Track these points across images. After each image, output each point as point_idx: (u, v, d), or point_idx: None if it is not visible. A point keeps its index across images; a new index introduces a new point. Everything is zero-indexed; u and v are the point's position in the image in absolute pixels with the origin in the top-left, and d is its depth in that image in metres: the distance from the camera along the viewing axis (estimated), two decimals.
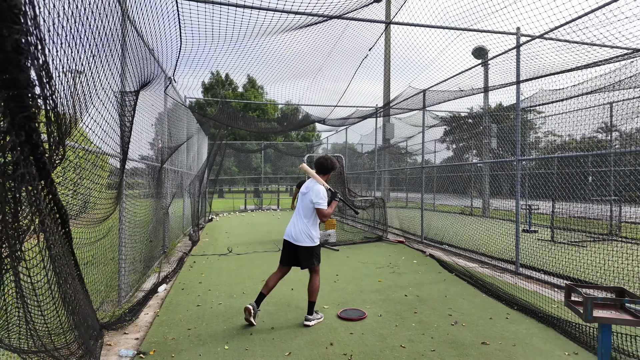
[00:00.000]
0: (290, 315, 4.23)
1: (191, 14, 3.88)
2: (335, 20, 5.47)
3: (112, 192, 3.83)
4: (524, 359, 3.18)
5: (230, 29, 4.33)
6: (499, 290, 4.89)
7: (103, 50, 2.98)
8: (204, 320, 4.10)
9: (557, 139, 13.66)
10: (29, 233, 1.06)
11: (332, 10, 4.02)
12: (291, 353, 3.31)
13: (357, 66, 7.06)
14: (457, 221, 9.85)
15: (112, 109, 3.60)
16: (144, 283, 5.46)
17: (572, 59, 5.95)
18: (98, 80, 2.78)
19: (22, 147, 0.91)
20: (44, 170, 1.07)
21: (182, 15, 3.91)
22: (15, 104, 0.85)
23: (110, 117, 3.64)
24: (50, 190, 1.15)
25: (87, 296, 2.24)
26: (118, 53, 3.80)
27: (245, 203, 19.62)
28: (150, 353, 3.33)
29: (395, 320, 4.03)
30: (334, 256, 7.41)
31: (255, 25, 4.29)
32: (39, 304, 1.28)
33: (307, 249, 3.99)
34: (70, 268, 1.57)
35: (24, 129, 0.91)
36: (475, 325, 3.89)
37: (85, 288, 2.12)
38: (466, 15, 6.53)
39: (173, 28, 4.08)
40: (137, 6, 4.12)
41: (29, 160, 0.96)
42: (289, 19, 4.15)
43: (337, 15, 4.10)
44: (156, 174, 6.15)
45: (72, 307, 1.72)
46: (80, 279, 1.90)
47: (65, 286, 1.46)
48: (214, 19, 3.93)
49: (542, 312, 4.07)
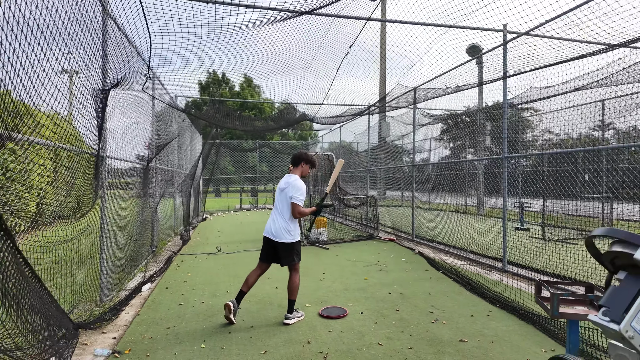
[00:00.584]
0: (272, 313, 4.21)
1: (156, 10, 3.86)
2: (318, 19, 5.44)
3: (87, 188, 3.79)
4: (501, 355, 3.16)
5: (199, 25, 4.31)
6: (483, 288, 4.88)
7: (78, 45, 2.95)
8: (184, 319, 4.07)
9: (554, 137, 13.64)
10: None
11: (308, 5, 3.99)
12: (267, 352, 3.29)
13: (339, 64, 7.02)
14: (449, 219, 9.83)
15: (89, 107, 3.58)
16: (129, 282, 5.43)
17: (561, 55, 5.94)
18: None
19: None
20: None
21: (147, 11, 3.87)
22: None
23: (89, 115, 3.61)
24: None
25: (50, 298, 2.21)
26: (98, 47, 3.76)
27: (240, 202, 19.58)
28: (125, 352, 3.30)
29: (376, 318, 4.01)
30: (323, 255, 7.39)
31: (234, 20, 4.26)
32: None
33: (287, 245, 3.96)
34: (19, 273, 1.54)
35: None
36: (456, 322, 3.87)
37: (47, 291, 2.09)
38: (456, 11, 6.51)
39: (142, 24, 4.05)
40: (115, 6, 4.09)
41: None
42: (262, 14, 4.12)
43: (309, 11, 4.07)
44: (142, 173, 6.12)
45: (24, 314, 1.70)
46: (39, 282, 1.88)
47: (17, 293, 1.43)
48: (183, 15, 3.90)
49: (523, 309, 4.05)
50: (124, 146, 5.40)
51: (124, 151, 5.41)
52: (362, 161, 16.99)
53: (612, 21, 4.60)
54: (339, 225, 10.82)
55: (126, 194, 5.77)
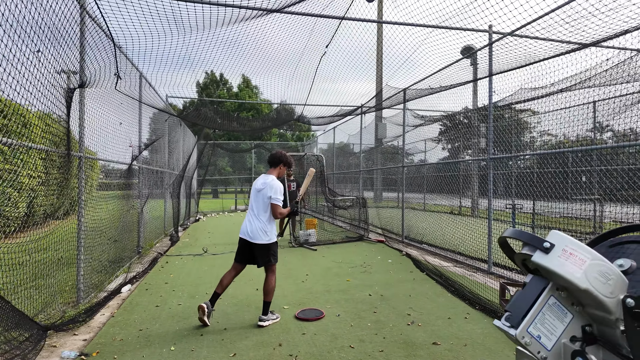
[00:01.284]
0: (248, 316, 4.16)
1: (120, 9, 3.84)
2: (303, 17, 5.40)
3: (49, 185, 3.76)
4: (472, 358, 3.12)
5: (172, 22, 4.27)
6: (464, 290, 4.83)
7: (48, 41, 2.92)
8: (159, 320, 4.03)
9: (554, 138, 13.59)
10: None
11: (279, 3, 3.95)
12: (236, 354, 3.24)
13: (317, 65, 6.99)
14: (440, 220, 9.78)
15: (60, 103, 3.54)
16: (110, 284, 5.39)
17: (545, 54, 5.90)
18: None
19: None
20: None
21: (103, 10, 3.84)
22: None
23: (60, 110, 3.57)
24: None
25: (3, 301, 2.17)
26: (75, 41, 3.73)
27: (235, 203, 19.53)
28: (93, 354, 3.26)
29: (352, 320, 3.97)
30: (309, 256, 7.34)
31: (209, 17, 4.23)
32: None
33: (264, 246, 3.92)
34: None
35: None
36: (432, 325, 3.83)
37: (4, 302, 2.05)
38: (447, 12, 6.47)
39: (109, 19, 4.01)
40: None
41: None
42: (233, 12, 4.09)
43: (278, 9, 4.02)
44: (125, 173, 6.08)
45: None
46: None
47: None
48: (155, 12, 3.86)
49: (501, 311, 4.00)
50: (106, 146, 5.37)
51: (106, 152, 5.38)
52: (357, 162, 16.96)
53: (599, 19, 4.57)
54: (329, 226, 10.77)
55: (107, 195, 5.73)
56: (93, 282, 4.92)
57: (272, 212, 3.95)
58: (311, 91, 7.99)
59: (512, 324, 1.12)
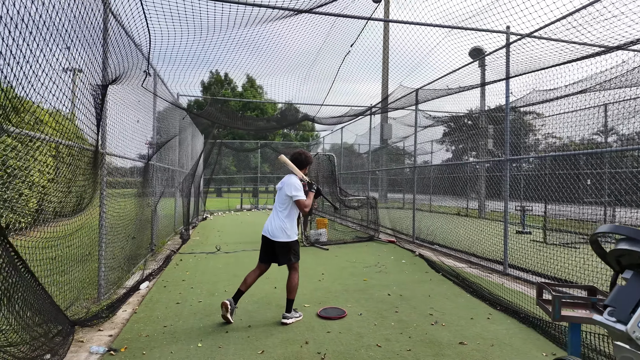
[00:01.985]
0: (270, 313, 4.17)
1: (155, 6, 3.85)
2: (322, 17, 5.41)
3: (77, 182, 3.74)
4: (500, 359, 3.12)
5: (199, 21, 4.29)
6: (483, 290, 4.83)
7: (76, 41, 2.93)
8: (182, 317, 4.04)
9: (556, 140, 13.58)
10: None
11: (308, 4, 3.97)
12: (264, 351, 3.25)
13: (339, 64, 7.00)
14: (450, 222, 9.78)
15: (89, 104, 3.56)
16: (128, 280, 5.41)
17: (563, 57, 5.90)
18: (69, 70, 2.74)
19: None
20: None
21: (146, 7, 3.86)
22: None
23: (88, 111, 3.60)
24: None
25: (45, 295, 2.19)
26: (99, 41, 3.75)
27: (241, 202, 19.55)
28: (121, 350, 3.27)
29: (375, 319, 3.97)
30: (323, 255, 7.35)
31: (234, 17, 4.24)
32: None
33: (284, 244, 3.93)
34: (12, 267, 1.51)
35: None
36: (455, 325, 3.83)
37: (41, 287, 2.07)
38: (459, 14, 6.47)
39: (141, 20, 4.03)
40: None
41: None
42: (261, 12, 4.10)
43: (307, 10, 4.04)
44: (142, 171, 6.10)
45: (17, 311, 1.67)
46: (33, 277, 1.85)
47: (12, 291, 1.40)
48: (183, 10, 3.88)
49: (524, 312, 4.01)
50: (124, 143, 5.39)
51: (124, 149, 5.40)
52: (364, 163, 16.96)
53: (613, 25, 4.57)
54: (339, 226, 10.78)
55: (126, 192, 5.75)
56: (112, 279, 4.94)
57: (299, 208, 3.96)
58: (330, 91, 8.00)
59: (619, 319, 1.12)
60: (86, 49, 3.49)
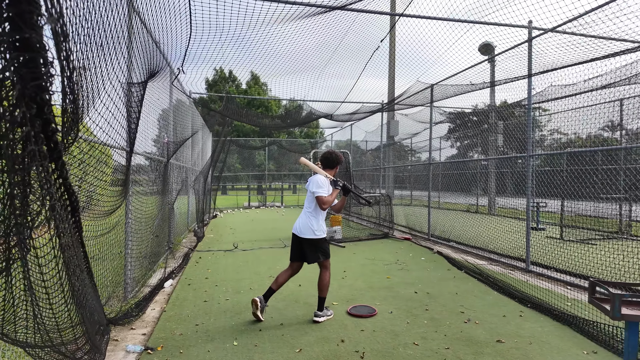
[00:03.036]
0: (299, 311, 4.16)
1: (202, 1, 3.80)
2: (342, 15, 5.37)
3: (116, 188, 3.75)
4: (541, 357, 3.10)
5: (235, 18, 4.25)
6: (510, 288, 4.80)
7: (109, 37, 2.90)
8: (212, 315, 4.03)
9: (564, 137, 13.51)
10: (38, 220, 0.98)
11: (338, 1, 3.93)
12: (302, 350, 3.24)
13: (368, 59, 6.95)
14: (464, 219, 9.74)
15: (119, 101, 3.53)
16: (150, 278, 5.40)
17: (582, 53, 5.84)
18: (105, 70, 2.71)
19: (33, 122, 0.82)
20: (55, 150, 0.98)
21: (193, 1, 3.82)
22: (27, 69, 0.76)
23: (116, 109, 3.57)
24: (61, 174, 1.07)
25: (95, 290, 2.17)
26: (125, 40, 3.72)
27: (249, 200, 19.55)
28: (158, 349, 3.26)
29: (407, 317, 3.95)
30: (340, 253, 7.33)
31: (260, 15, 4.20)
32: (48, 296, 1.21)
33: (311, 241, 3.91)
34: (79, 260, 1.50)
35: (34, 101, 0.82)
36: (489, 323, 3.81)
37: (93, 281, 2.05)
38: (475, 9, 6.41)
39: (183, 15, 3.99)
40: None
41: (40, 137, 0.87)
42: (292, 8, 4.05)
43: (341, 6, 4.00)
44: (162, 169, 6.09)
45: (80, 301, 1.65)
46: (89, 271, 1.83)
47: (74, 278, 1.39)
48: (217, 6, 3.83)
49: (556, 310, 3.98)
50: (146, 142, 5.37)
51: (146, 147, 5.38)
52: (369, 160, 16.92)
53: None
54: (353, 223, 10.76)
55: (147, 190, 5.73)
56: (135, 277, 4.93)
57: (319, 205, 3.92)
58: (353, 88, 7.94)
59: None
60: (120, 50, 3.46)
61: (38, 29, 0.78)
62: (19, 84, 0.77)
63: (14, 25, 0.74)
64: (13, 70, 0.75)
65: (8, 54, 0.75)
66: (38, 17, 0.78)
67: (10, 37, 0.74)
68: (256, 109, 33.41)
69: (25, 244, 0.95)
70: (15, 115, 0.78)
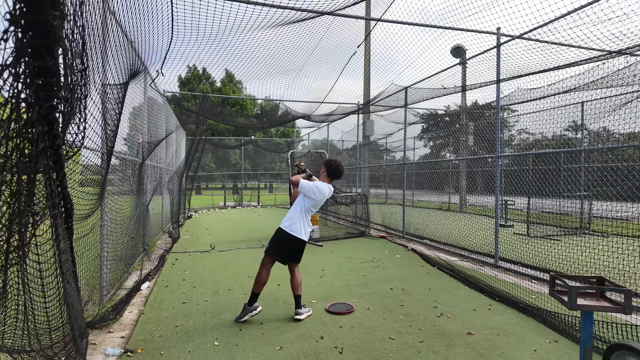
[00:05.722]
0: (279, 310, 4.23)
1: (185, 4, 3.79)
2: (318, 19, 5.46)
3: (89, 189, 3.70)
4: (508, 347, 3.30)
5: (211, 22, 4.26)
6: (480, 283, 5.04)
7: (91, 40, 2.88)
8: (191, 317, 4.04)
9: (531, 137, 14.14)
10: (40, 224, 1.02)
11: (316, 5, 4.01)
12: (282, 347, 3.32)
13: (345, 63, 7.08)
14: (437, 217, 10.06)
15: (98, 101, 3.49)
16: (126, 281, 5.33)
17: (548, 59, 6.19)
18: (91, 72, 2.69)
19: (45, 138, 0.87)
20: (59, 162, 1.03)
21: (175, 6, 3.81)
22: (44, 92, 0.81)
23: (96, 110, 3.53)
24: (61, 183, 1.11)
25: (78, 293, 2.18)
26: (100, 40, 3.67)
27: (224, 200, 19.37)
28: (138, 351, 3.26)
29: (383, 313, 4.10)
30: (318, 252, 7.44)
31: (237, 18, 4.23)
32: (44, 297, 1.24)
33: (302, 242, 4.00)
34: (69, 263, 1.53)
35: (46, 119, 0.87)
36: (460, 316, 4.00)
37: (78, 286, 2.06)
38: (448, 15, 6.63)
39: (166, 19, 3.97)
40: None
41: (48, 151, 0.92)
42: (271, 12, 4.11)
43: (322, 11, 4.08)
44: (137, 170, 6.00)
45: (70, 301, 1.68)
46: (75, 275, 1.85)
47: (66, 281, 1.42)
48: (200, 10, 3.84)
49: (522, 302, 4.23)
50: (120, 143, 5.28)
51: (120, 148, 5.30)
52: (344, 159, 17.13)
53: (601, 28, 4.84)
54: (330, 222, 10.89)
55: (121, 191, 5.64)
56: (111, 280, 4.87)
57: (292, 183, 4.08)
58: (331, 90, 8.04)
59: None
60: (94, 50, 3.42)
61: (57, 57, 0.83)
62: (37, 105, 0.82)
63: (37, 54, 0.79)
64: (32, 93, 0.80)
65: (29, 79, 0.79)
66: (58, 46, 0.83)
67: (33, 65, 0.79)
68: (231, 108, 33.05)
69: (25, 249, 0.99)
70: (32, 133, 0.83)
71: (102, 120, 3.64)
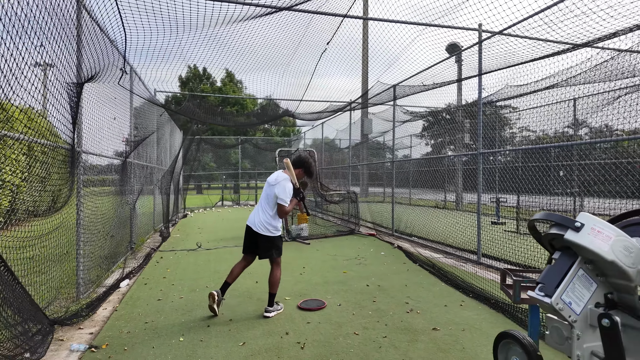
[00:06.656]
0: (251, 307, 4.25)
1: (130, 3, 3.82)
2: (299, 16, 5.46)
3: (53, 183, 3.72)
4: (471, 342, 3.30)
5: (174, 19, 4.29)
6: (457, 279, 5.03)
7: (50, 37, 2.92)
8: (163, 313, 4.08)
9: (530, 134, 14.05)
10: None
11: (286, 2, 4.02)
12: (245, 343, 3.34)
13: (317, 60, 7.08)
14: (428, 214, 10.03)
15: (64, 101, 3.54)
16: (107, 279, 5.38)
17: (534, 54, 6.15)
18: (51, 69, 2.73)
19: None
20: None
21: (121, 4, 3.84)
22: None
23: (63, 108, 3.57)
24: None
25: (24, 293, 2.21)
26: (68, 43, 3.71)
27: (222, 199, 19.44)
28: (102, 347, 3.30)
29: (354, 309, 4.11)
30: (304, 250, 7.46)
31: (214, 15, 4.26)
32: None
33: (266, 238, 4.01)
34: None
35: None
36: (430, 312, 4.00)
37: (20, 285, 2.09)
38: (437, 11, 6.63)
39: (116, 16, 4.00)
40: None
41: None
42: (238, 8, 4.12)
43: (287, 7, 4.09)
44: (120, 169, 6.05)
45: None
46: (12, 276, 1.87)
47: None
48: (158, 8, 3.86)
49: (494, 298, 4.21)
50: (101, 141, 5.33)
51: (101, 147, 5.35)
52: (344, 158, 17.12)
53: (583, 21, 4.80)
54: (320, 220, 10.89)
55: (103, 191, 5.69)
56: (91, 278, 4.91)
57: (278, 213, 4.03)
58: (308, 87, 8.06)
59: (547, 293, 1.27)
60: (60, 45, 3.46)
61: None
62: None
63: None
64: None
65: None
66: None
67: None
68: (231, 107, 33.14)
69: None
70: None
71: (69, 117, 3.68)
